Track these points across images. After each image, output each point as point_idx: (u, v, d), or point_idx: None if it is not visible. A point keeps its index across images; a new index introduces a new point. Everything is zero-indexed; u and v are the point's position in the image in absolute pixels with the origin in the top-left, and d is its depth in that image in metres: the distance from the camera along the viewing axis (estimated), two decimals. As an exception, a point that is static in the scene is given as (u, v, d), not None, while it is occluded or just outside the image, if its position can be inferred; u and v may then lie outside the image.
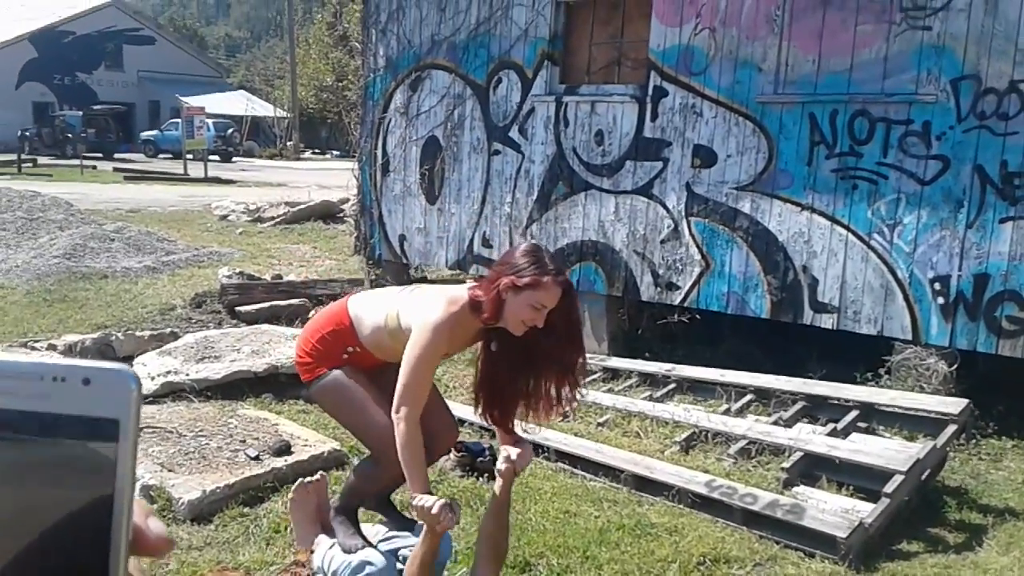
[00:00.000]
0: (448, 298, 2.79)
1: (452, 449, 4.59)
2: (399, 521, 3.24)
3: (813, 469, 4.52)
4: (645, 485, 4.54)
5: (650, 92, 6.57)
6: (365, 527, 3.28)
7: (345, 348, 2.96)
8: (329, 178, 21.35)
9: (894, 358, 5.74)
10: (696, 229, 6.48)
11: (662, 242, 6.65)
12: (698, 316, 6.66)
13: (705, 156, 6.37)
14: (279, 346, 5.94)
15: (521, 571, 3.76)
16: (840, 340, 6.08)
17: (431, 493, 2.59)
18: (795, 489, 4.37)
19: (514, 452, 2.91)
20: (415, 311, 2.82)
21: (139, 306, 8.23)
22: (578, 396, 2.96)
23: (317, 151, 42.49)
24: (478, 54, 7.48)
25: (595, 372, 6.30)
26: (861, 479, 4.36)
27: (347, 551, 2.99)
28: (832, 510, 4.06)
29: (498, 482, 2.94)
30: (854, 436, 4.70)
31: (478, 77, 7.52)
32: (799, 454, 4.51)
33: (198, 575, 3.58)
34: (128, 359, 5.78)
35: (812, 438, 4.63)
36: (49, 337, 6.21)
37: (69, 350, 5.63)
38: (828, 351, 6.10)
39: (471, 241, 7.75)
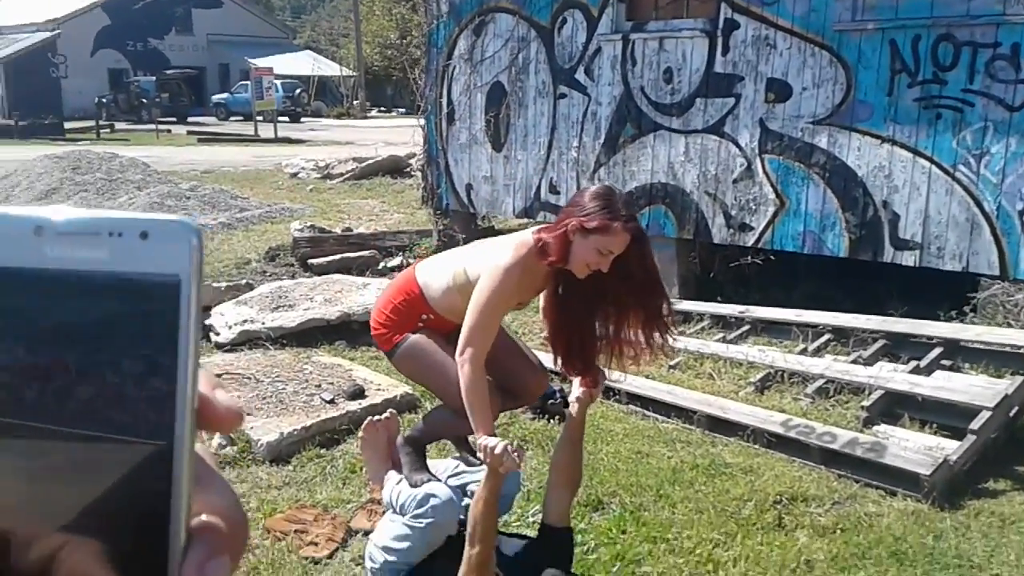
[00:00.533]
0: (516, 243, 2.73)
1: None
2: (471, 456, 3.24)
3: (895, 408, 4.39)
4: (719, 426, 4.47)
5: (720, 25, 6.35)
6: (435, 462, 3.30)
7: (420, 316, 2.93)
8: (396, 135, 21.41)
9: (980, 295, 5.51)
10: (770, 167, 6.28)
11: (734, 182, 6.47)
12: (772, 257, 6.48)
13: (779, 90, 6.15)
14: (351, 295, 6.00)
15: (594, 509, 3.76)
16: (923, 278, 5.85)
17: (494, 435, 2.57)
18: (876, 428, 4.24)
19: (593, 380, 2.88)
20: (482, 261, 2.78)
21: (215, 261, 8.41)
22: (670, 340, 2.82)
23: (383, 109, 42.66)
24: (542, -6, 7.33)
25: (666, 315, 6.21)
26: (945, 417, 4.21)
27: (413, 485, 3.01)
28: (915, 448, 3.94)
29: (573, 407, 2.91)
30: (938, 373, 4.54)
31: (542, 18, 7.37)
32: (880, 392, 4.38)
33: (276, 512, 3.66)
34: (206, 309, 5.92)
35: (893, 376, 4.48)
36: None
37: (149, 301, 5.78)
38: (910, 290, 5.88)
39: (538, 188, 7.68)
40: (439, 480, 3.10)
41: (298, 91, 35.56)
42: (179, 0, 40.80)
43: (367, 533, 3.36)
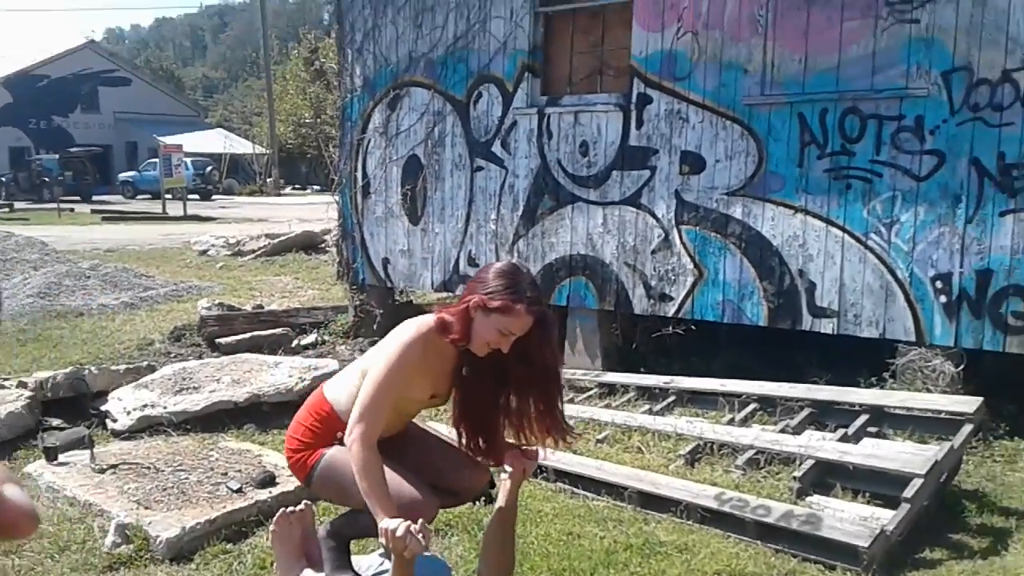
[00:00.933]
0: (418, 322, 2.67)
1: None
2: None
3: (826, 477, 4.31)
4: (651, 502, 4.31)
5: (634, 100, 6.42)
6: (360, 559, 3.05)
7: (335, 435, 2.75)
8: (310, 212, 21.13)
9: (898, 361, 5.56)
10: (687, 237, 6.30)
11: (653, 252, 6.47)
12: (693, 327, 6.46)
13: (693, 162, 6.21)
14: (261, 374, 5.69)
15: (525, 599, 3.52)
16: (841, 346, 5.90)
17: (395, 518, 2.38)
18: (809, 499, 4.15)
19: (523, 458, 2.75)
20: (383, 352, 2.64)
21: (116, 342, 7.98)
22: (562, 439, 2.81)
23: (297, 186, 42.34)
24: (457, 69, 7.32)
25: (591, 388, 6.09)
26: (877, 485, 4.15)
27: (337, 585, 2.76)
28: (850, 519, 3.85)
29: (504, 487, 2.73)
30: (865, 441, 4.51)
31: (457, 92, 7.36)
32: (810, 462, 4.30)
33: (175, 618, 3.32)
34: (102, 394, 5.53)
35: (823, 445, 4.43)
36: (20, 376, 5.94)
37: (40, 387, 5.37)
38: (829, 358, 5.91)
39: (456, 261, 7.55)
40: (362, 578, 2.86)
41: (209, 168, 35.06)
42: (85, 78, 40.05)
43: (278, 638, 3.06)
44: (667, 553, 3.85)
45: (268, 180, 38.31)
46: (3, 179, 31.85)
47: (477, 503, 4.35)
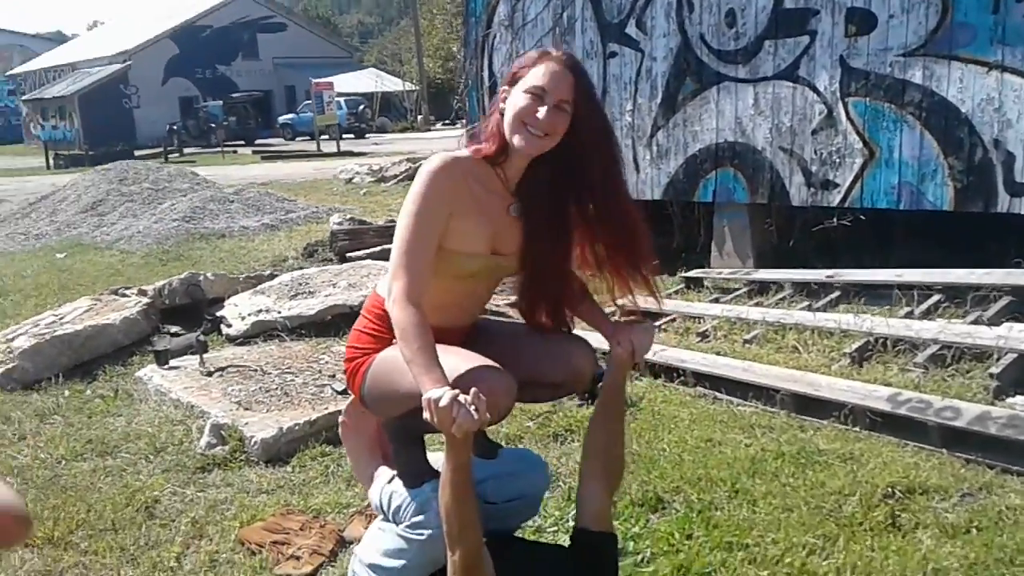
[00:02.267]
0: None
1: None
2: (481, 445, 2.47)
3: (1033, 375, 3.49)
4: (809, 406, 3.64)
5: (788, -46, 5.51)
6: (438, 455, 2.57)
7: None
8: (456, 144, 20.92)
9: (1125, 244, 4.54)
10: (855, 111, 5.40)
11: (814, 133, 5.60)
12: (863, 218, 5.58)
13: (862, 20, 5.27)
14: (379, 278, 5.33)
15: (652, 509, 2.98)
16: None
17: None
18: (1010, 400, 3.36)
19: (629, 333, 2.13)
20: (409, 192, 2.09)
21: (252, 260, 7.91)
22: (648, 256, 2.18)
23: (447, 122, 42.41)
24: (585, -55, 6.61)
25: (738, 287, 5.38)
26: (1101, 384, 3.30)
27: (409, 485, 2.28)
28: (1068, 421, 3.05)
29: (606, 373, 2.16)
30: (1085, 332, 3.62)
31: (586, -28, 6.64)
32: (1012, 356, 3.49)
33: (257, 519, 2.99)
34: (219, 301, 5.35)
35: (1029, 336, 3.59)
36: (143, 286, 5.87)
37: (158, 294, 5.24)
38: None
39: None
40: (443, 475, 2.37)
41: (362, 107, 35.51)
42: (244, 26, 41.32)
43: (362, 544, 2.67)
44: (828, 463, 3.20)
45: (418, 117, 38.51)
46: (175, 127, 33.39)
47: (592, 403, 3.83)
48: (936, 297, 4.37)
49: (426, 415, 1.75)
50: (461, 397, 1.72)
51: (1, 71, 50.89)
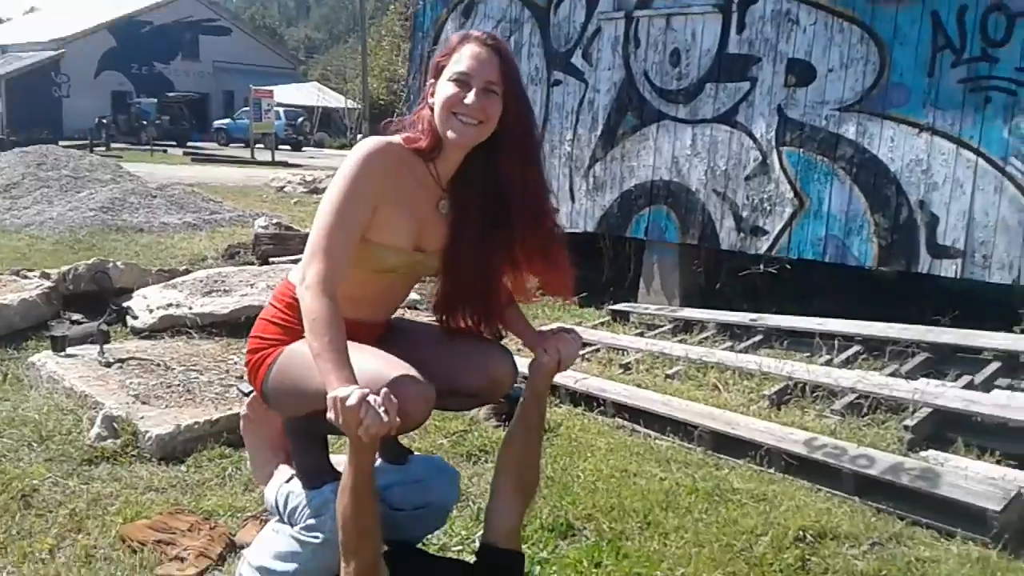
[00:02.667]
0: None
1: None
2: (391, 450, 2.34)
3: (945, 430, 3.53)
4: (725, 444, 3.60)
5: (737, 0, 5.61)
6: (340, 457, 2.43)
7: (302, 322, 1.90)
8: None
9: (1035, 312, 4.67)
10: (789, 161, 5.49)
11: (747, 179, 5.68)
12: (788, 267, 5.66)
13: (801, 72, 5.38)
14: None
15: (561, 535, 2.88)
16: (963, 294, 5.03)
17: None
18: (923, 453, 3.38)
19: (556, 341, 2.04)
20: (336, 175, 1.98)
21: (169, 256, 7.63)
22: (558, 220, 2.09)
23: (384, 140, 42.22)
24: (538, -28, 6.62)
25: (664, 324, 5.37)
26: (1010, 442, 3.35)
27: (308, 485, 2.13)
28: (976, 477, 3.07)
29: (533, 377, 2.06)
30: (997, 392, 3.69)
31: (538, -2, 6.66)
32: (927, 410, 3.52)
33: (142, 516, 2.79)
34: (126, 291, 5.09)
35: (943, 391, 3.63)
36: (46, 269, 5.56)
37: (63, 278, 4.96)
38: (948, 308, 5.03)
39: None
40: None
41: (301, 120, 35.09)
42: (187, 26, 40.52)
43: (252, 551, 2.50)
44: (741, 502, 3.15)
45: (359, 135, 38.25)
46: (104, 121, 32.38)
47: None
48: (856, 348, 4.42)
49: (331, 415, 1.61)
50: (371, 398, 1.59)
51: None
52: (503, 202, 1.96)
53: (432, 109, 1.90)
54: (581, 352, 4.74)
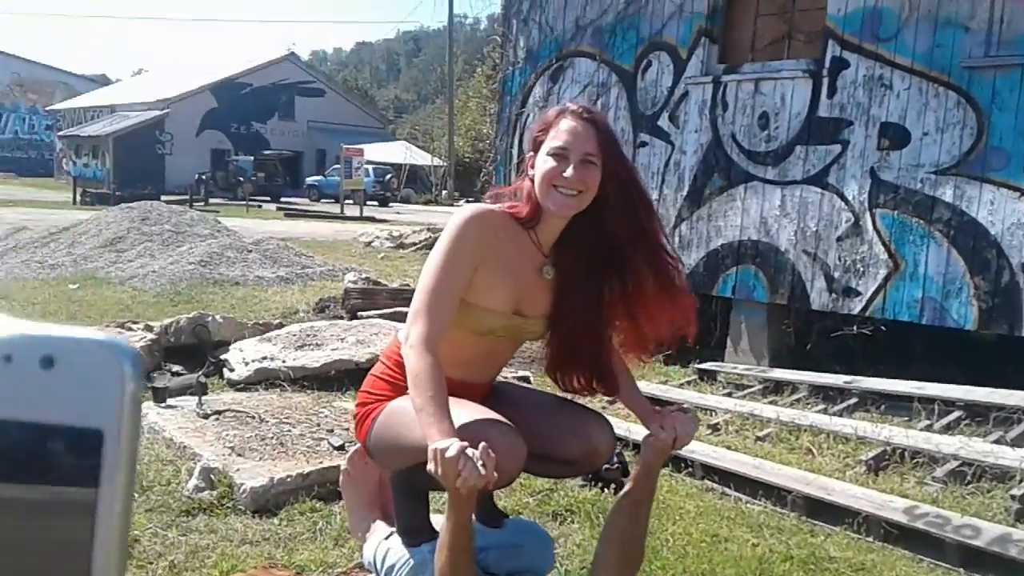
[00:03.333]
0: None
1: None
2: (487, 511, 2.37)
3: (1055, 502, 3.36)
4: (820, 510, 3.50)
5: (827, 65, 5.59)
6: (440, 517, 2.47)
7: None
8: (478, 216, 21.06)
9: None
10: (883, 223, 5.39)
11: (839, 239, 5.59)
12: (883, 328, 5.52)
13: (895, 135, 5.31)
14: (387, 338, 5.27)
15: (651, 601, 2.84)
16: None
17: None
18: (1031, 526, 3.22)
19: (673, 420, 2.04)
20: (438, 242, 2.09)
21: (263, 309, 7.87)
22: (677, 272, 2.11)
23: (471, 199, 42.92)
24: (626, 37, 6.73)
25: (753, 385, 5.28)
26: None
27: (407, 543, 2.18)
28: (1092, 554, 2.91)
29: (646, 452, 2.06)
30: (1112, 463, 3.50)
31: (625, 62, 6.76)
32: (1035, 480, 3.37)
33: (237, 569, 2.86)
34: (224, 344, 5.28)
35: (1052, 461, 3.47)
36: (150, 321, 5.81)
37: (164, 331, 5.18)
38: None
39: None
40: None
41: (388, 176, 36.03)
42: (284, 88, 42.33)
43: (344, 605, 2.54)
44: (838, 571, 3.06)
45: (443, 192, 39.00)
46: (203, 177, 33.92)
47: (607, 489, 3.71)
48: (957, 414, 4.27)
49: (430, 467, 1.66)
50: (469, 451, 1.64)
51: (41, 106, 52.01)
52: (617, 252, 2.01)
53: (532, 181, 1.97)
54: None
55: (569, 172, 1.92)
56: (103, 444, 0.27)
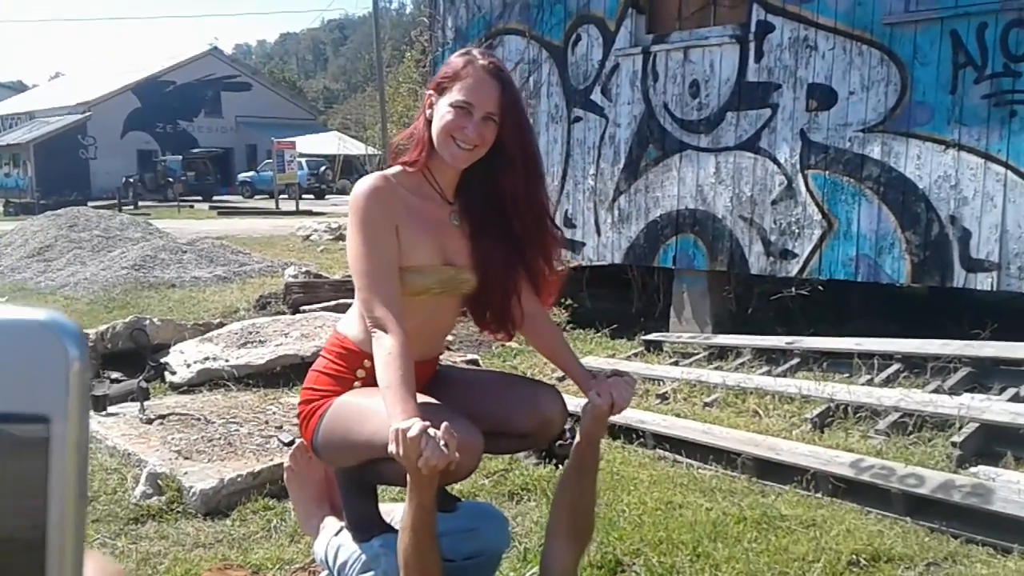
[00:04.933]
0: None
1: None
2: (439, 498, 2.34)
3: (993, 444, 3.47)
4: (769, 471, 3.57)
5: (753, 29, 5.65)
6: (389, 507, 2.44)
7: (355, 368, 2.04)
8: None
9: (1077, 321, 4.60)
10: (815, 184, 5.48)
11: (773, 203, 5.67)
12: (820, 288, 5.63)
13: (822, 96, 5.39)
14: (332, 330, 5.21)
15: (611, 572, 2.86)
16: (999, 306, 4.97)
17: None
18: (972, 469, 3.32)
19: (609, 385, 2.03)
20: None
21: (202, 310, 7.70)
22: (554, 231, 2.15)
23: (409, 187, 42.57)
24: (554, 11, 6.71)
25: (698, 352, 5.34)
26: (1062, 455, 3.29)
27: (358, 539, 2.14)
28: (1031, 492, 3.01)
29: (585, 420, 2.05)
30: (1045, 404, 3.63)
31: (554, 37, 6.74)
32: (974, 425, 3.47)
33: (192, 574, 2.80)
34: (163, 347, 5.16)
35: (989, 405, 3.58)
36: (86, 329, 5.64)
37: (100, 337, 5.04)
38: (985, 322, 4.97)
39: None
40: (394, 531, 2.23)
41: (323, 168, 35.53)
42: (209, 84, 41.38)
43: (303, 601, 2.50)
44: (790, 528, 3.11)
45: (380, 180, 38.62)
46: (131, 180, 33.01)
47: (561, 466, 3.72)
48: (896, 366, 4.38)
49: (391, 448, 1.63)
50: (431, 431, 1.61)
51: (-45, 117, 49.97)
52: (504, 214, 2.02)
53: (429, 122, 1.96)
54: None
55: (470, 128, 1.91)
56: (50, 431, 0.25)
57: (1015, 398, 3.67)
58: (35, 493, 0.26)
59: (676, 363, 5.17)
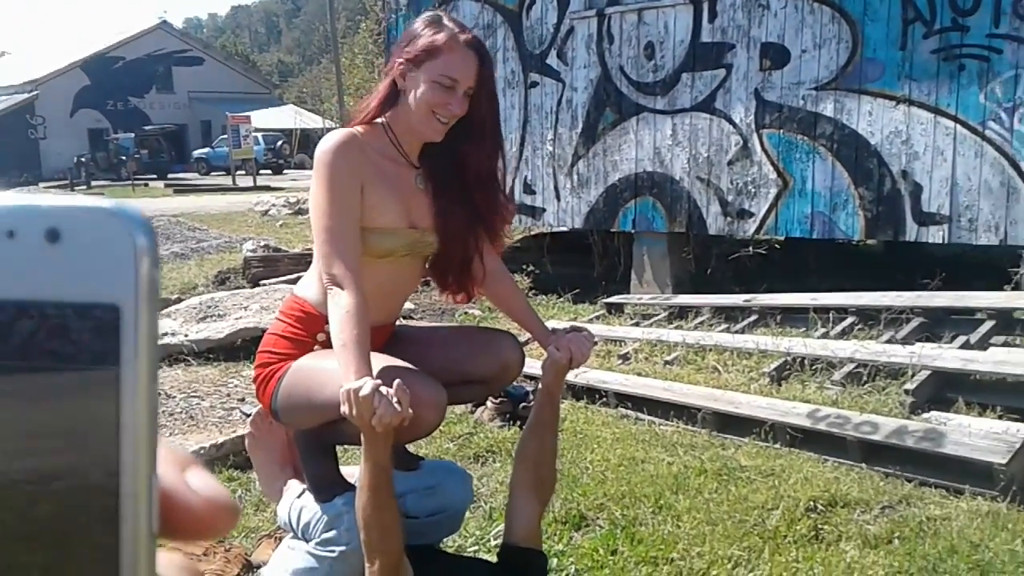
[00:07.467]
0: None
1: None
2: (401, 457, 2.35)
3: (944, 390, 3.56)
4: (729, 424, 3.63)
5: (705, -11, 5.65)
6: (350, 468, 2.45)
7: (315, 333, 2.02)
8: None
9: (1023, 269, 4.72)
10: (769, 143, 5.53)
11: (730, 163, 5.71)
12: (777, 247, 5.70)
13: (775, 55, 5.43)
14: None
15: (575, 527, 2.90)
16: (951, 259, 5.07)
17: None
18: (925, 415, 3.41)
19: (567, 340, 2.04)
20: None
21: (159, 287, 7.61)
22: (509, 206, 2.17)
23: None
24: (507, -25, 6.66)
25: (659, 312, 5.40)
26: (1010, 398, 3.39)
27: (320, 499, 2.14)
28: (980, 433, 3.10)
29: (543, 380, 2.07)
30: (993, 349, 3.72)
31: (509, 2, 6.69)
32: (925, 373, 3.56)
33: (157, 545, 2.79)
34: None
35: (940, 353, 3.67)
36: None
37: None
38: (937, 274, 5.08)
39: (511, 189, 6.91)
40: (356, 490, 2.23)
41: (280, 143, 35.04)
42: (159, 59, 40.49)
43: (270, 566, 2.50)
44: (749, 478, 3.18)
45: (339, 154, 38.23)
46: (83, 159, 32.30)
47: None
48: (850, 319, 4.46)
49: (343, 408, 1.63)
50: (384, 388, 1.61)
51: None
52: (464, 178, 2.01)
53: (399, 87, 1.93)
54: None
55: (455, 105, 1.89)
56: (120, 320, 0.25)
57: (965, 345, 3.77)
58: (105, 395, 0.26)
59: (637, 324, 5.22)
